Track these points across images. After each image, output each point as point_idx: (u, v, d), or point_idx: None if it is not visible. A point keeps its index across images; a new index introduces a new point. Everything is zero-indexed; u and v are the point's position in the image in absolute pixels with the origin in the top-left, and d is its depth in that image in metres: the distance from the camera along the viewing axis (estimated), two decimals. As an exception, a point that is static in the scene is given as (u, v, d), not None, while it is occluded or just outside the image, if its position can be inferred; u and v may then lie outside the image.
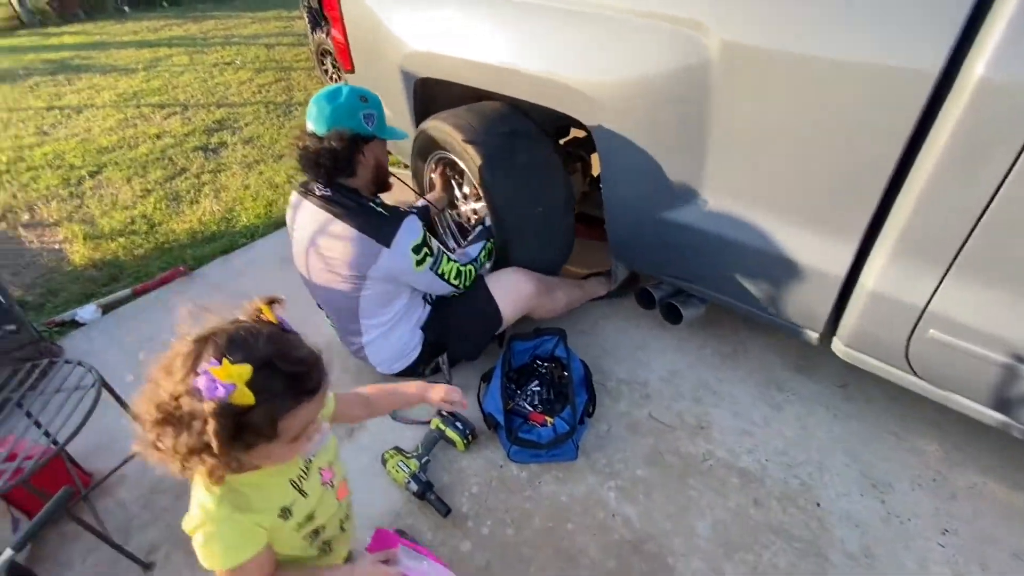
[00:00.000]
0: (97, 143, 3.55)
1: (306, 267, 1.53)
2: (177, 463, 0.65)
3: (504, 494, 1.40)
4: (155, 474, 1.51)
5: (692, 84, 1.20)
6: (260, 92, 4.36)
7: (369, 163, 1.47)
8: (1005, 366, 1.04)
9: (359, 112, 1.39)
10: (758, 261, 1.31)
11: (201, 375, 0.61)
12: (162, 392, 0.64)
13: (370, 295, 1.48)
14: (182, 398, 0.62)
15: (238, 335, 0.66)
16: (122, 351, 1.95)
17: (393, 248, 1.39)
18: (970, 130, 0.92)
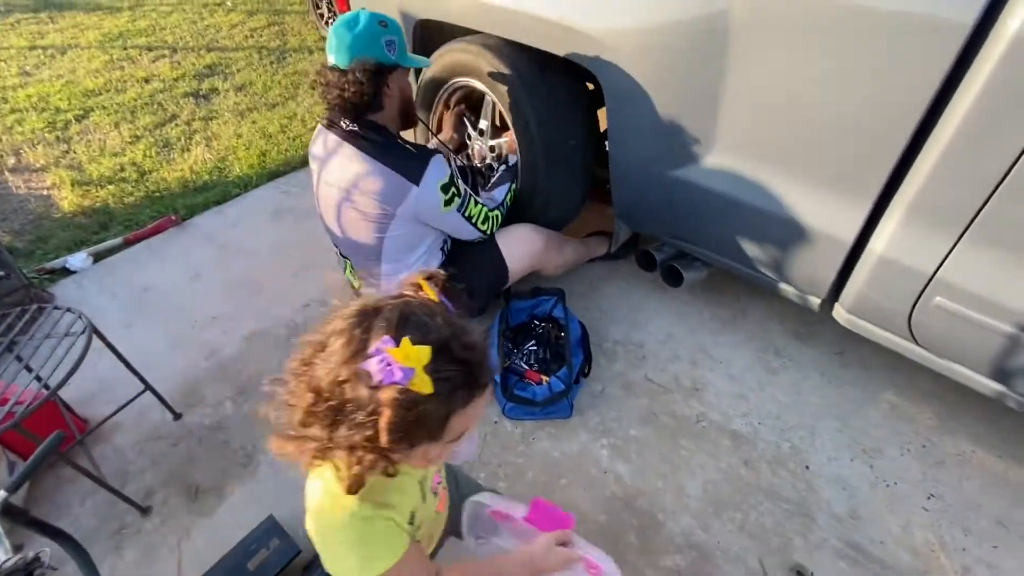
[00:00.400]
0: (83, 85, 3.41)
1: (330, 206, 1.48)
2: (314, 456, 0.57)
3: (498, 449, 1.42)
4: (151, 421, 1.53)
5: (711, 33, 1.13)
6: (252, 36, 4.17)
7: (394, 95, 1.40)
8: (1009, 336, 1.02)
9: (380, 39, 1.32)
10: (766, 223, 1.27)
11: (374, 356, 0.52)
12: (320, 375, 0.55)
13: (395, 237, 1.44)
14: (347, 384, 0.53)
15: (410, 311, 0.56)
16: (114, 300, 1.92)
17: (422, 186, 1.35)
18: (999, 88, 0.87)
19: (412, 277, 0.64)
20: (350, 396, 0.53)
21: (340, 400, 0.54)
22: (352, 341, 0.54)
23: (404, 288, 0.63)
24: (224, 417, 1.54)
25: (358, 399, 0.53)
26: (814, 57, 1.04)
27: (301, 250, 2.09)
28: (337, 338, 0.55)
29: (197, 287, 1.96)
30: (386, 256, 1.47)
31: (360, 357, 0.53)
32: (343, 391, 0.54)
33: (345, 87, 1.30)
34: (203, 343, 1.75)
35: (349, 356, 0.54)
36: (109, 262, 2.08)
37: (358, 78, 1.29)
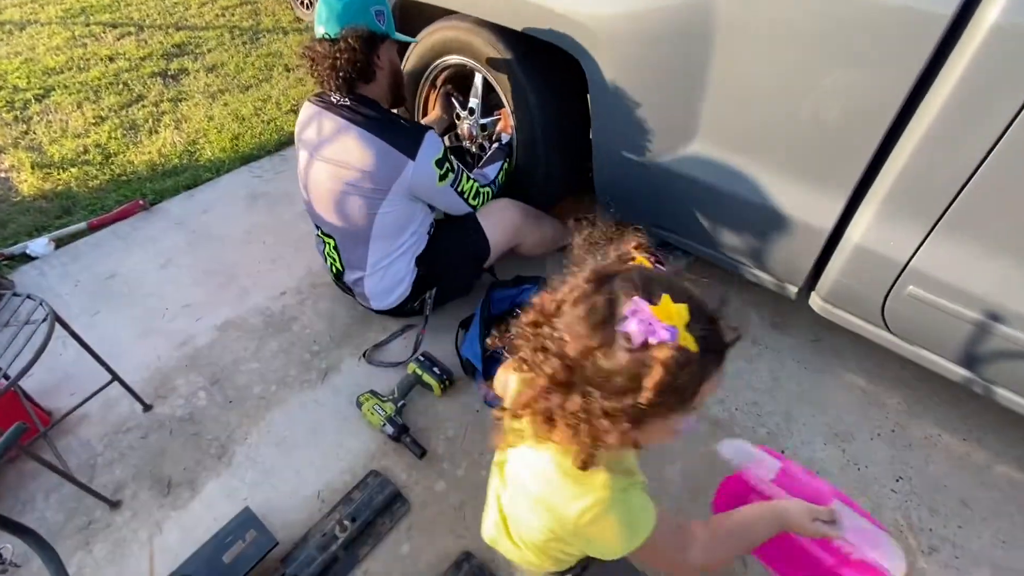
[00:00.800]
0: (43, 63, 3.24)
1: (320, 182, 1.44)
2: (552, 433, 0.55)
3: (479, 437, 1.41)
4: (119, 413, 1.48)
5: (696, 20, 1.12)
6: (224, 15, 4.01)
7: (385, 67, 1.39)
8: (977, 324, 1.06)
9: (370, 8, 1.33)
10: (745, 212, 1.28)
11: (630, 318, 0.49)
12: (566, 342, 0.52)
13: (386, 214, 1.41)
14: (599, 350, 0.50)
15: (650, 273, 0.54)
16: (77, 287, 1.85)
17: (418, 160, 1.34)
18: (975, 81, 0.89)
19: (623, 245, 0.61)
20: (605, 364, 0.50)
21: (594, 368, 0.51)
22: (597, 307, 0.51)
23: (611, 260, 0.59)
24: (197, 408, 1.50)
25: (616, 365, 0.50)
26: (795, 48, 1.04)
27: (277, 236, 2.03)
28: (575, 306, 0.53)
29: (167, 274, 1.89)
30: (375, 235, 1.44)
31: (611, 321, 0.50)
32: (595, 358, 0.51)
33: (337, 56, 1.29)
34: (174, 332, 1.70)
35: (598, 321, 0.51)
36: (72, 248, 2.00)
37: (350, 44, 1.29)
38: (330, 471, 1.36)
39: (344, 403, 1.49)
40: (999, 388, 1.16)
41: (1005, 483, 1.31)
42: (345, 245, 1.51)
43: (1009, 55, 0.85)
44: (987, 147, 0.91)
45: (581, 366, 0.52)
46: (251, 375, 1.57)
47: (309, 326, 1.71)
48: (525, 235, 1.67)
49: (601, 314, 0.51)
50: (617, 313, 0.51)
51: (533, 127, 1.59)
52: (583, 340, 0.51)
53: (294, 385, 1.55)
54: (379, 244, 1.46)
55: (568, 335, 0.52)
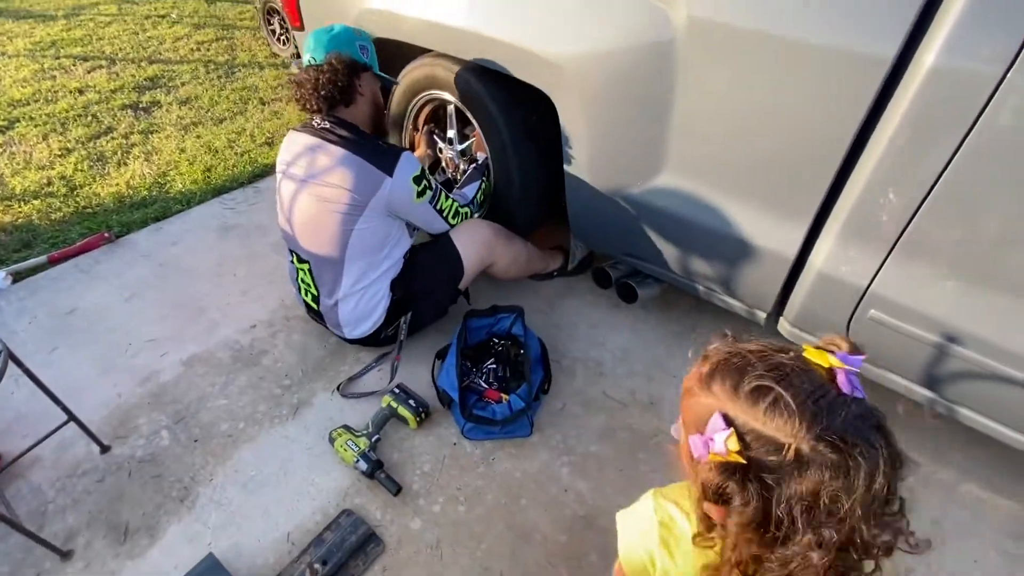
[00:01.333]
0: (8, 95, 3.18)
1: (296, 201, 1.46)
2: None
3: (456, 471, 1.38)
4: (74, 455, 1.40)
5: (659, 59, 1.18)
6: (199, 50, 4.03)
7: (366, 96, 1.49)
8: (935, 345, 1.10)
9: (355, 42, 1.45)
10: (714, 241, 1.33)
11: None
12: (771, 433, 0.51)
13: (363, 231, 1.42)
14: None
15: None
16: (34, 323, 1.77)
17: (396, 177, 1.38)
18: (918, 117, 0.95)
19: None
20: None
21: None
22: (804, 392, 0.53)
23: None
24: (159, 448, 1.43)
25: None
26: (752, 85, 1.10)
27: (248, 268, 2.00)
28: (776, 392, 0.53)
29: (131, 308, 1.83)
30: (351, 254, 1.45)
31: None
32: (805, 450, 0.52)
33: (319, 76, 1.39)
34: (137, 368, 1.63)
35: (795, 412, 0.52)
36: (31, 282, 1.92)
37: (333, 65, 1.39)
38: (300, 511, 1.30)
39: (316, 439, 1.45)
40: (961, 408, 1.20)
41: (972, 501, 1.34)
42: (320, 268, 1.50)
43: (947, 94, 0.91)
44: (933, 178, 0.97)
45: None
46: (218, 412, 1.52)
47: (280, 359, 1.67)
48: (498, 254, 1.68)
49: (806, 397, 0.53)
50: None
51: (507, 158, 1.64)
52: (786, 427, 0.52)
53: (263, 421, 1.49)
54: (355, 265, 1.46)
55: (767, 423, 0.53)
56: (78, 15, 4.64)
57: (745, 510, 0.53)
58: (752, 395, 0.53)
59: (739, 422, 0.53)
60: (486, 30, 1.42)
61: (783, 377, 0.53)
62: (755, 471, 0.52)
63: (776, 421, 0.51)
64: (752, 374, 0.54)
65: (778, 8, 1.03)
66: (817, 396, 0.51)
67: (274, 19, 3.84)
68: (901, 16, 0.92)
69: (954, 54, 0.89)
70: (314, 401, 1.55)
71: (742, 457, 0.52)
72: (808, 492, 0.49)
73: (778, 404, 0.51)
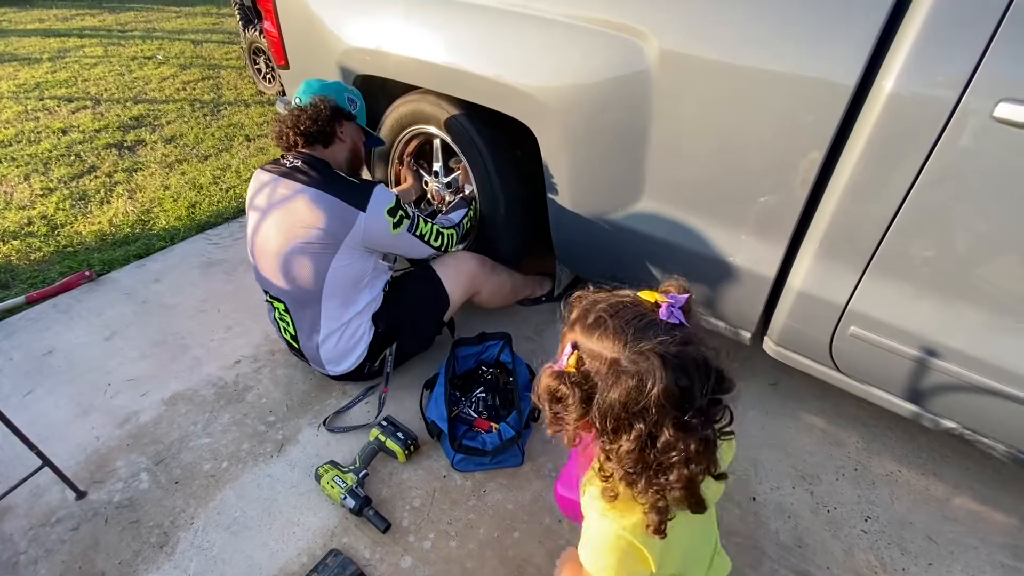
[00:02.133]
0: (-11, 136, 3.17)
1: (268, 243, 1.43)
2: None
3: (447, 505, 1.35)
4: (48, 502, 1.34)
5: (633, 90, 1.23)
6: (184, 89, 4.08)
7: (346, 142, 1.51)
8: (915, 359, 1.12)
9: (344, 93, 1.51)
10: (695, 263, 1.35)
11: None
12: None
13: (338, 269, 1.40)
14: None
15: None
16: (9, 364, 1.72)
17: (369, 212, 1.37)
18: (881, 140, 0.99)
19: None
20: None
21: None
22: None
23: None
24: (138, 492, 1.38)
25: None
26: (723, 113, 1.15)
27: (233, 303, 1.98)
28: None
29: (111, 347, 1.79)
30: (327, 293, 1.43)
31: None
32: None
33: (300, 115, 1.41)
34: (116, 409, 1.59)
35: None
36: (7, 323, 1.88)
37: (316, 105, 1.42)
38: (286, 553, 1.26)
39: (301, 476, 1.41)
40: (945, 420, 1.21)
41: (965, 515, 1.33)
42: (296, 307, 1.48)
43: (907, 117, 0.96)
44: (900, 197, 1.01)
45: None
46: (200, 451, 1.48)
47: (265, 395, 1.64)
48: (482, 283, 1.69)
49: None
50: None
51: (493, 188, 1.67)
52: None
53: (247, 460, 1.46)
54: (332, 303, 1.44)
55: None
56: (63, 57, 4.69)
57: (574, 406, 0.69)
58: (591, 325, 0.69)
59: (582, 347, 0.69)
60: (467, 66, 1.46)
61: (616, 312, 0.68)
62: (582, 377, 0.69)
63: (604, 342, 0.67)
64: (595, 310, 0.70)
65: (743, 39, 1.08)
66: (636, 322, 0.66)
67: (260, 58, 3.92)
68: (859, 45, 0.97)
69: (911, 80, 0.93)
70: (299, 437, 1.52)
71: (576, 368, 0.69)
72: (623, 393, 0.63)
73: (607, 329, 0.67)
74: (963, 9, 0.88)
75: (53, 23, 5.86)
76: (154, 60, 4.73)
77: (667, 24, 1.16)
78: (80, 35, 5.42)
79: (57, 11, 6.39)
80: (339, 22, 1.74)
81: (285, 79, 2.15)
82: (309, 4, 1.80)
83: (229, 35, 5.67)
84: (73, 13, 6.33)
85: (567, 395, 0.69)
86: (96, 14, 6.36)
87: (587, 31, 1.25)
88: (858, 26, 0.97)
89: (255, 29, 3.72)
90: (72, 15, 6.25)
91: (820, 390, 1.60)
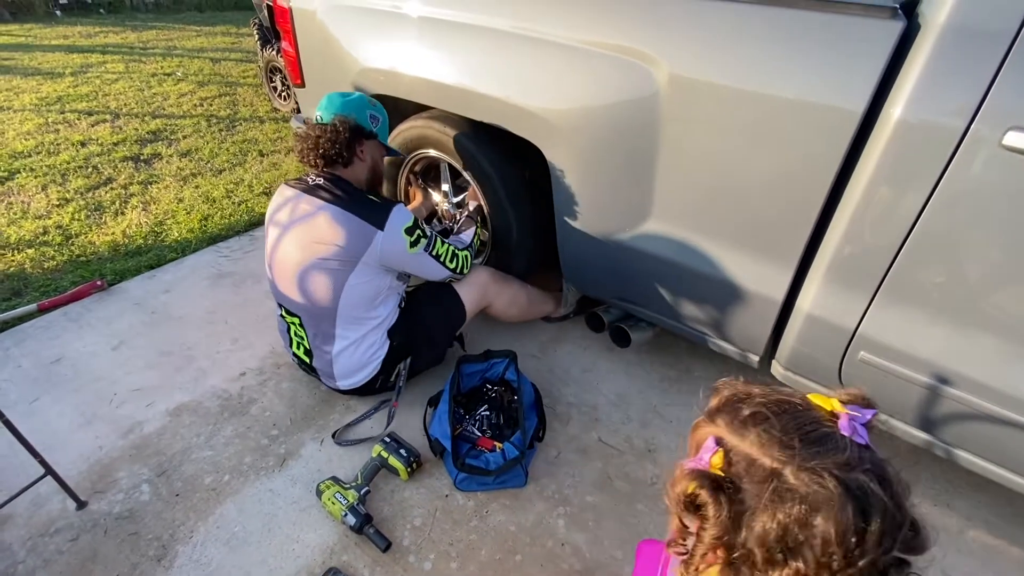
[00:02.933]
0: (10, 147, 3.25)
1: (287, 257, 1.45)
2: None
3: (449, 525, 1.33)
4: (48, 511, 1.34)
5: (642, 113, 1.24)
6: (202, 105, 4.18)
7: (366, 160, 1.52)
8: (927, 386, 1.10)
9: (366, 110, 1.50)
10: (703, 285, 1.35)
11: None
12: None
13: (354, 287, 1.41)
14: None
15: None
16: (18, 371, 1.73)
17: (387, 230, 1.39)
18: (889, 167, 1.00)
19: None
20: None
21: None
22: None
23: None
24: (138, 503, 1.37)
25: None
26: (731, 137, 1.16)
27: (241, 315, 1.99)
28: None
29: (118, 357, 1.80)
30: (342, 310, 1.44)
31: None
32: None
33: (321, 135, 1.42)
34: (120, 419, 1.59)
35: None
36: (18, 331, 1.89)
37: (336, 127, 1.42)
38: (284, 570, 1.24)
39: (302, 492, 1.40)
40: (958, 450, 1.19)
41: (979, 548, 1.30)
42: (311, 322, 1.49)
43: (916, 144, 0.96)
44: (909, 223, 1.01)
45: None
46: (202, 464, 1.47)
47: (269, 408, 1.64)
48: (496, 294, 1.71)
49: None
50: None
51: (502, 207, 1.69)
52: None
53: (249, 474, 1.45)
54: (347, 319, 1.45)
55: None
56: (85, 72, 4.82)
57: (714, 520, 0.52)
58: (746, 421, 0.54)
59: (729, 444, 0.54)
60: (480, 87, 1.49)
61: (781, 411, 0.53)
62: (731, 485, 0.52)
63: (762, 445, 0.51)
64: (751, 403, 0.55)
65: (751, 65, 1.10)
66: (809, 430, 0.51)
67: (276, 76, 4.01)
68: (867, 73, 0.98)
69: (920, 108, 0.94)
70: (302, 452, 1.51)
71: (721, 471, 0.53)
72: (784, 521, 0.48)
73: (769, 431, 0.52)
74: (971, 38, 0.89)
75: (77, 39, 6.04)
76: (173, 77, 4.86)
77: (676, 50, 1.18)
78: (103, 51, 5.58)
79: (82, 28, 6.60)
80: (355, 43, 1.78)
81: (300, 97, 2.19)
82: (326, 25, 1.85)
83: (247, 54, 5.82)
84: (97, 30, 6.53)
85: (707, 504, 0.52)
86: (119, 32, 6.56)
87: (597, 55, 1.28)
88: (866, 53, 0.98)
89: (272, 48, 3.82)
90: (96, 32, 6.45)
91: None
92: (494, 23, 1.44)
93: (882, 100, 0.99)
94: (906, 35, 0.95)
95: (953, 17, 0.89)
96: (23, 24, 6.80)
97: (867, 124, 1.01)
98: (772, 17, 1.06)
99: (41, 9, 7.47)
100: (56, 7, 7.60)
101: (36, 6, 7.45)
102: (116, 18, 7.48)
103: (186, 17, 7.97)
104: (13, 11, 7.14)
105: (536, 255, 1.85)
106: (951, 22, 0.89)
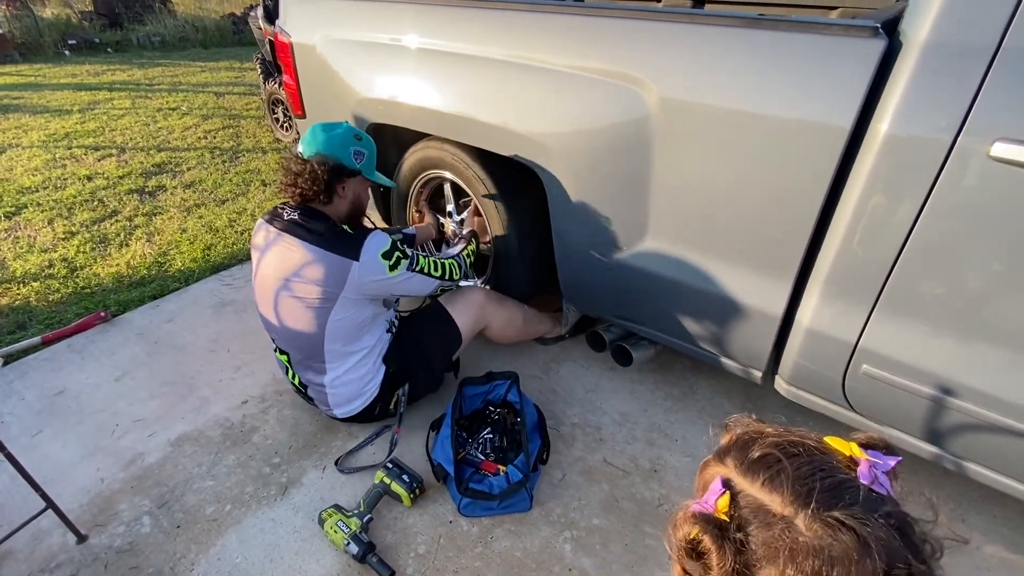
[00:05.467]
0: (18, 183, 3.31)
1: (268, 297, 1.45)
2: None
3: (453, 552, 1.31)
4: (48, 546, 1.32)
5: (635, 135, 1.27)
6: (206, 138, 4.26)
7: (347, 197, 1.47)
8: (932, 398, 1.09)
9: (350, 147, 1.44)
10: (702, 302, 1.35)
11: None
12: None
13: (339, 320, 1.40)
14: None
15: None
16: (21, 404, 1.73)
17: (362, 260, 1.37)
18: (880, 181, 1.01)
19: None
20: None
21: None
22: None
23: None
24: (139, 536, 1.35)
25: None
26: (725, 154, 1.18)
27: (243, 343, 1.99)
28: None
29: (121, 388, 1.80)
30: (329, 344, 1.43)
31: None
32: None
33: (300, 174, 1.38)
34: (122, 450, 1.58)
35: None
36: (22, 363, 1.90)
37: (315, 168, 1.38)
38: (286, 602, 1.21)
39: (304, 521, 1.38)
40: (968, 463, 1.17)
41: (998, 564, 1.27)
42: (299, 358, 1.49)
43: (904, 159, 0.98)
44: (903, 236, 1.02)
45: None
46: (204, 494, 1.45)
47: (271, 436, 1.63)
48: (491, 315, 1.70)
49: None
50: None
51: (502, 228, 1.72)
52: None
53: (250, 503, 1.43)
54: (334, 353, 1.45)
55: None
56: (92, 109, 4.94)
57: (720, 571, 0.47)
58: (756, 463, 0.50)
59: (738, 487, 0.50)
60: (476, 114, 1.53)
61: (794, 454, 0.49)
62: (737, 531, 0.47)
63: (772, 492, 0.47)
64: (762, 443, 0.51)
65: (739, 86, 1.12)
66: (824, 475, 0.47)
67: (278, 108, 4.10)
68: (853, 90, 1.00)
69: (907, 122, 0.96)
70: (304, 480, 1.49)
71: (728, 516, 0.48)
72: (793, 575, 0.43)
73: (780, 475, 0.47)
74: (952, 54, 0.91)
75: (85, 78, 6.21)
76: (178, 111, 4.97)
77: (665, 73, 1.21)
78: (110, 88, 5.72)
79: (89, 67, 6.78)
80: (354, 75, 1.83)
81: (302, 128, 2.24)
82: (326, 58, 1.90)
83: (250, 87, 5.96)
84: (104, 68, 6.71)
85: (711, 552, 0.48)
86: (126, 69, 6.73)
87: (588, 81, 1.31)
88: (851, 71, 1.00)
89: (275, 82, 3.91)
90: (103, 70, 6.62)
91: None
92: (489, 52, 1.49)
93: (869, 116, 1.01)
94: (888, 53, 0.97)
95: (933, 35, 0.92)
96: (32, 64, 6.99)
97: (856, 139, 1.03)
98: (758, 39, 1.09)
99: (51, 50, 7.70)
100: (65, 47, 7.83)
101: (46, 47, 7.68)
102: (123, 56, 7.69)
103: (191, 54, 8.18)
104: (23, 52, 7.36)
105: (538, 275, 1.86)
106: (931, 39, 0.92)
